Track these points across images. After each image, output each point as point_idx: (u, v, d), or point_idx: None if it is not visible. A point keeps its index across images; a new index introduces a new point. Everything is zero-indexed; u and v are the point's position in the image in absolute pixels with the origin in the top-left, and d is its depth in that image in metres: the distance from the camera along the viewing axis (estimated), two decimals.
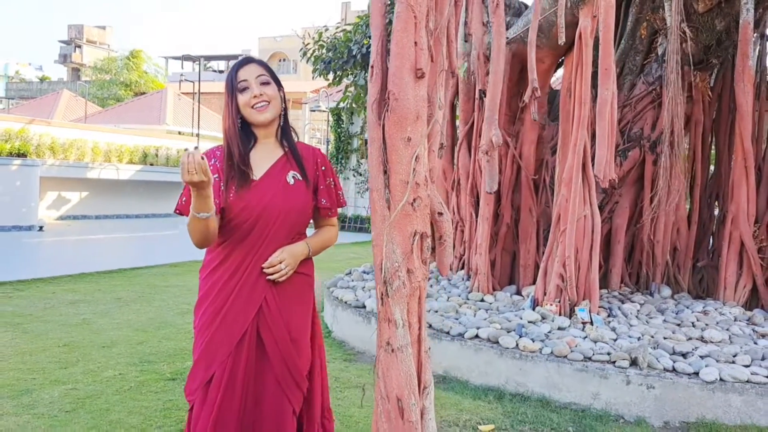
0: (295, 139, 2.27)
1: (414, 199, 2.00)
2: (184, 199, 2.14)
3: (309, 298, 2.27)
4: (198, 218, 1.99)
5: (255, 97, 2.13)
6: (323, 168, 2.27)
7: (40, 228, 15.06)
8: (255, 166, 2.16)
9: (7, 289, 7.12)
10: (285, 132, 2.24)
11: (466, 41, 5.72)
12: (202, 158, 1.88)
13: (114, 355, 4.69)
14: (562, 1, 4.46)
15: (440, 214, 2.19)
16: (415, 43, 1.95)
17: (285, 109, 2.23)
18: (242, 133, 2.16)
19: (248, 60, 2.19)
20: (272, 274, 2.11)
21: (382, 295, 1.99)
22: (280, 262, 2.11)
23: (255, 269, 2.11)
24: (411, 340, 2.02)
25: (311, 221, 2.34)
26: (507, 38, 5.85)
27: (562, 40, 4.31)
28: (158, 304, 6.67)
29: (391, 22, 2.01)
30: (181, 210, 2.16)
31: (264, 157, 2.19)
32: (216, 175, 2.11)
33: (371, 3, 2.03)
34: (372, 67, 2.03)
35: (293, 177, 2.18)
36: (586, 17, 4.94)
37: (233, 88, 2.15)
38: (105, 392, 3.90)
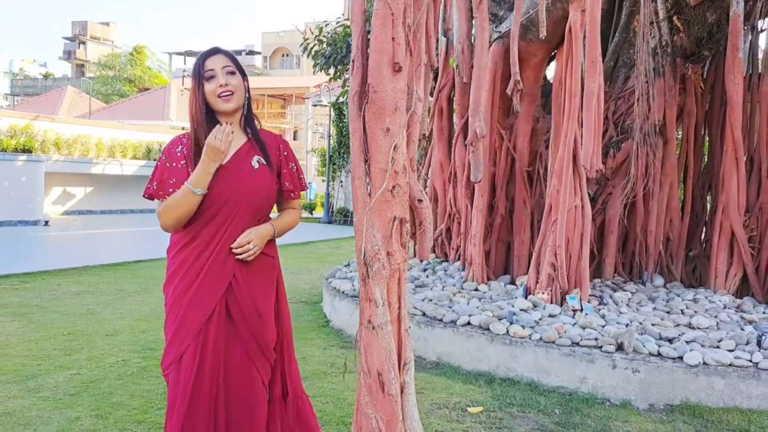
0: (258, 127, 2.39)
1: (393, 187, 2.12)
2: (155, 183, 2.25)
3: (273, 277, 2.38)
4: (192, 194, 2.15)
5: (221, 86, 2.23)
6: (285, 153, 2.39)
7: (46, 223, 15.25)
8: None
9: (13, 281, 7.28)
10: (248, 120, 2.36)
11: (445, 36, 5.82)
12: (231, 133, 2.14)
13: (117, 343, 4.84)
14: None
15: (420, 201, 2.30)
16: (393, 38, 2.06)
17: (248, 99, 2.35)
18: (208, 120, 2.26)
19: (215, 50, 2.30)
20: (241, 254, 2.23)
21: (364, 276, 2.11)
22: (249, 243, 2.23)
23: (223, 248, 2.22)
24: (391, 318, 2.14)
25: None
26: (500, 32, 5.95)
27: (543, 34, 4.41)
28: (160, 295, 6.75)
29: (370, 18, 2.12)
30: (153, 194, 2.26)
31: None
32: (183, 161, 2.24)
33: (353, 1, 2.15)
34: (353, 61, 2.14)
35: (258, 161, 2.29)
36: (575, 11, 5.04)
37: (200, 76, 2.25)
38: (108, 377, 4.04)
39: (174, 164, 2.26)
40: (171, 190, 2.22)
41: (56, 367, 4.22)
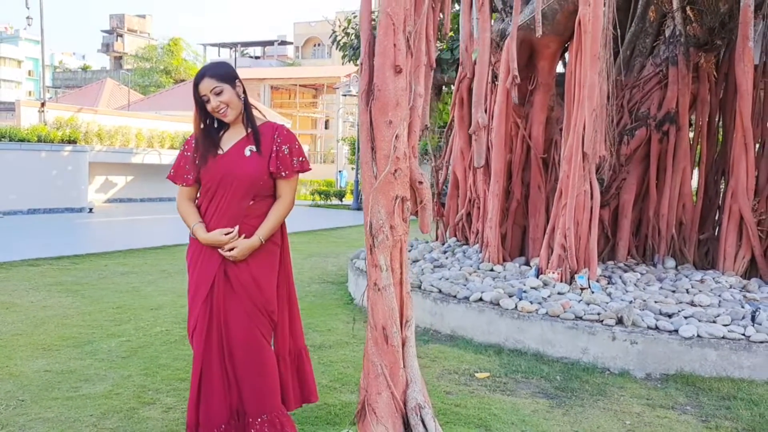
0: (264, 119, 2.81)
1: (395, 170, 2.50)
2: (173, 170, 2.83)
3: (274, 252, 2.78)
4: (192, 231, 2.75)
5: (214, 108, 2.67)
6: (279, 139, 2.72)
7: (90, 210, 16.05)
8: (225, 145, 2.73)
9: (65, 263, 7.90)
10: (248, 116, 2.74)
11: (441, 41, 6.14)
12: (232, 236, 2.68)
13: (161, 316, 5.35)
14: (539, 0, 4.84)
15: (420, 183, 2.68)
16: (394, 44, 2.43)
17: (245, 99, 2.73)
18: (209, 127, 2.74)
19: (202, 75, 2.68)
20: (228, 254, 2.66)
21: (370, 246, 2.50)
22: (231, 250, 2.64)
23: (220, 223, 2.68)
24: (394, 282, 2.53)
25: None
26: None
27: (539, 33, 4.70)
28: None
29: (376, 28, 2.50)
30: (171, 179, 2.83)
31: (231, 137, 2.74)
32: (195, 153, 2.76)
33: (360, 13, 2.52)
34: (361, 63, 2.52)
35: (250, 150, 2.70)
36: (585, 5, 5.30)
37: (198, 101, 2.70)
38: (154, 343, 4.53)
39: (188, 153, 2.76)
40: (184, 175, 2.77)
41: (108, 335, 4.74)
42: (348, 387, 3.78)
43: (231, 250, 2.65)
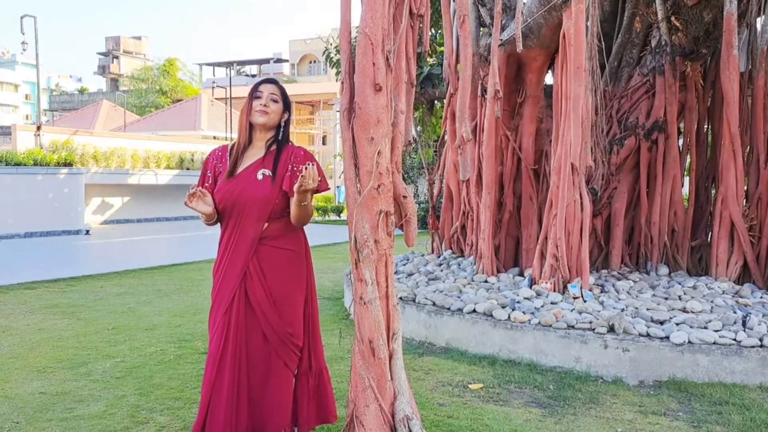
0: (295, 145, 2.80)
1: (378, 185, 2.55)
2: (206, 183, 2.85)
3: (297, 269, 2.76)
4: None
5: (262, 105, 2.71)
6: (296, 160, 2.70)
7: (87, 231, 16.07)
8: (242, 164, 2.74)
9: (61, 285, 7.92)
10: (277, 142, 2.76)
11: (432, 56, 6.23)
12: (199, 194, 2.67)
13: (156, 336, 5.36)
14: (519, 14, 4.93)
15: (404, 197, 2.72)
16: (373, 63, 2.49)
17: (283, 129, 2.75)
18: (249, 130, 2.76)
19: (270, 80, 2.78)
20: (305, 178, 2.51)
21: (355, 260, 2.54)
22: (309, 177, 2.49)
23: (239, 243, 2.69)
24: (380, 295, 2.56)
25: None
26: (501, 39, 6.31)
27: (519, 48, 4.78)
28: (195, 294, 7.35)
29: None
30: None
31: (250, 156, 2.76)
32: (209, 172, 2.81)
33: (340, 32, 2.58)
34: (342, 83, 2.57)
35: (262, 174, 2.70)
36: (569, 19, 5.39)
37: (251, 95, 2.76)
38: (148, 363, 4.55)
39: (206, 173, 2.84)
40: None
41: (103, 356, 4.75)
42: (341, 402, 3.78)
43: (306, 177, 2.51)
